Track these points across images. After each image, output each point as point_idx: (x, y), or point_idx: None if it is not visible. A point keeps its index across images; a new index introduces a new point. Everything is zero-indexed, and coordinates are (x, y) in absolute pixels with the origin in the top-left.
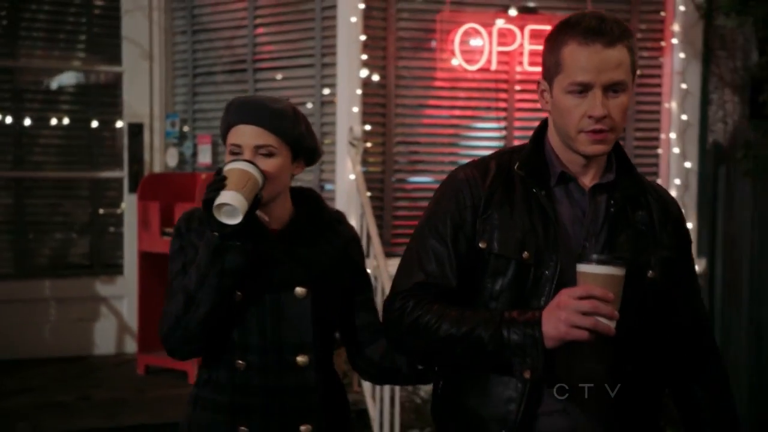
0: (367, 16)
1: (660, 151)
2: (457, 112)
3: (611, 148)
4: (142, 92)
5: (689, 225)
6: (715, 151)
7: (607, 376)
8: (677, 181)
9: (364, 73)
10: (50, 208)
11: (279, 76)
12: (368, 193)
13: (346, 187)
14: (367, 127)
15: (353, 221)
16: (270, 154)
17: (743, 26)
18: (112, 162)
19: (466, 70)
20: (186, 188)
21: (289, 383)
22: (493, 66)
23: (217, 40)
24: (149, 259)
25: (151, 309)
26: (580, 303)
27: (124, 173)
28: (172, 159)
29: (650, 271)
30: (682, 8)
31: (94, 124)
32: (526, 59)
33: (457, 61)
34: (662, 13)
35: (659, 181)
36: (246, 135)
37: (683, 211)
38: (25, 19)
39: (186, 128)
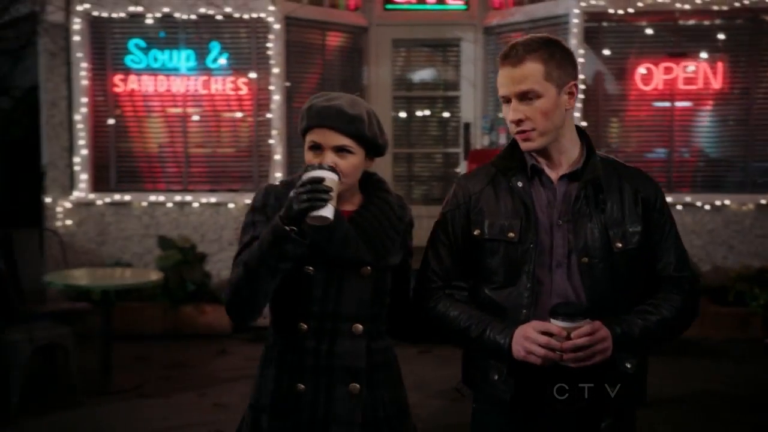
0: None
1: None
2: (642, 113)
3: (574, 142)
4: (470, 104)
5: None
6: None
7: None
8: None
9: None
10: (421, 169)
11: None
12: None
13: None
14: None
15: None
16: (348, 152)
17: None
18: (454, 143)
19: (643, 89)
20: (492, 156)
21: (341, 348)
22: (660, 86)
23: None
24: None
25: None
26: (539, 338)
27: (460, 149)
28: (485, 141)
29: (618, 243)
30: None
31: (446, 122)
32: (681, 81)
33: (638, 83)
34: None
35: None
36: (326, 136)
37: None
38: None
39: (493, 124)
